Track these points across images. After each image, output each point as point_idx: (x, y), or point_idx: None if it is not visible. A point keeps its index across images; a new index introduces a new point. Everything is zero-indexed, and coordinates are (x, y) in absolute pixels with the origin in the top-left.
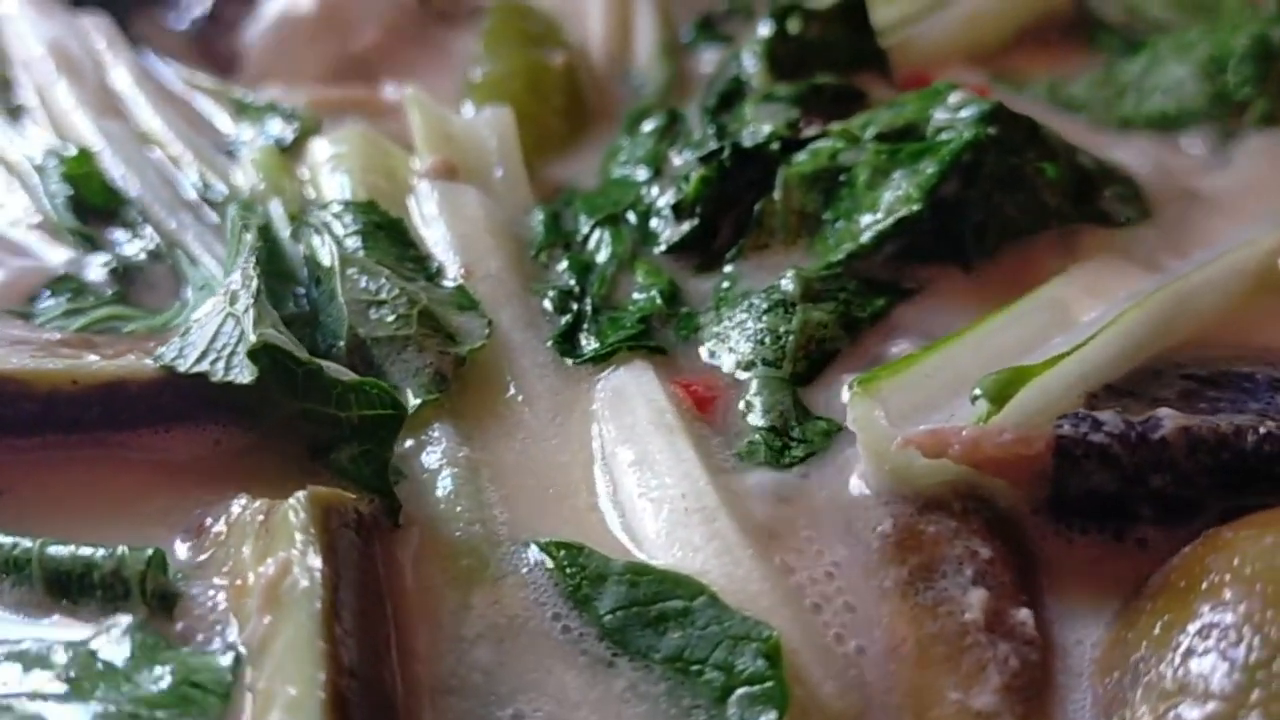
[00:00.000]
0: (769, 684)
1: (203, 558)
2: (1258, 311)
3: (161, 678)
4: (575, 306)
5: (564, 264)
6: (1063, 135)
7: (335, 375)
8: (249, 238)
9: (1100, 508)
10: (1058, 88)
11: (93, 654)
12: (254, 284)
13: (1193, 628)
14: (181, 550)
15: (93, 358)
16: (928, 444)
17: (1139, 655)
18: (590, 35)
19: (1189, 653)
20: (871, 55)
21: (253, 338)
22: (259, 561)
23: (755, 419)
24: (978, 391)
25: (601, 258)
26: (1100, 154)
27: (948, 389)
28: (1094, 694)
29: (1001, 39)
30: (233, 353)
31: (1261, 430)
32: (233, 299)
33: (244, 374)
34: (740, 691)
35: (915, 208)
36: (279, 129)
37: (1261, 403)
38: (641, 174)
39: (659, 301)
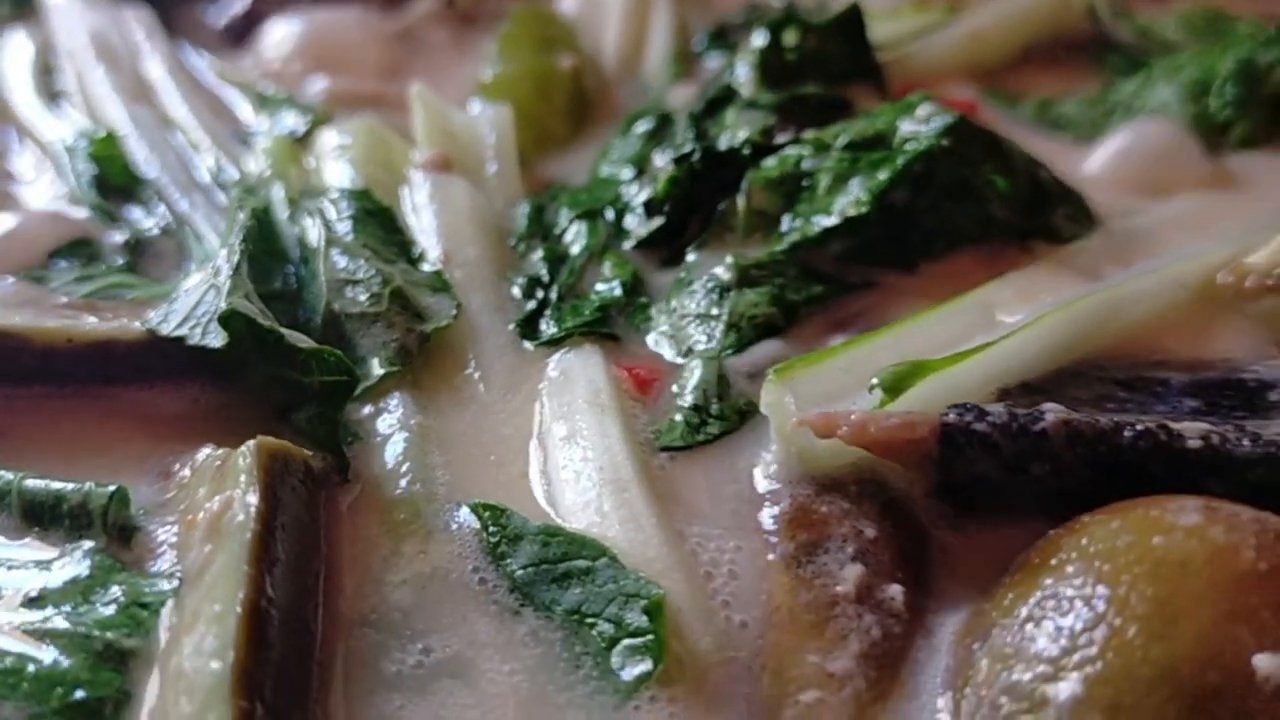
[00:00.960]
0: (649, 637)
1: (166, 498)
2: (1195, 324)
3: (114, 599)
4: (541, 294)
5: (539, 254)
6: (1029, 151)
7: (294, 342)
8: (242, 217)
9: (987, 494)
10: (1048, 105)
11: (57, 572)
12: (235, 258)
13: (1034, 598)
14: (149, 491)
15: (91, 319)
16: (819, 425)
17: (989, 624)
18: (605, 41)
19: (1027, 620)
20: (867, 69)
21: (224, 305)
22: (209, 499)
23: (683, 399)
24: (875, 381)
25: (575, 249)
26: (1075, 169)
27: (860, 381)
28: (948, 663)
29: (1007, 57)
30: (210, 319)
31: (1139, 428)
32: (216, 272)
33: (216, 339)
34: (624, 643)
35: (864, 210)
36: (293, 120)
37: (1169, 405)
38: (626, 173)
39: (619, 292)
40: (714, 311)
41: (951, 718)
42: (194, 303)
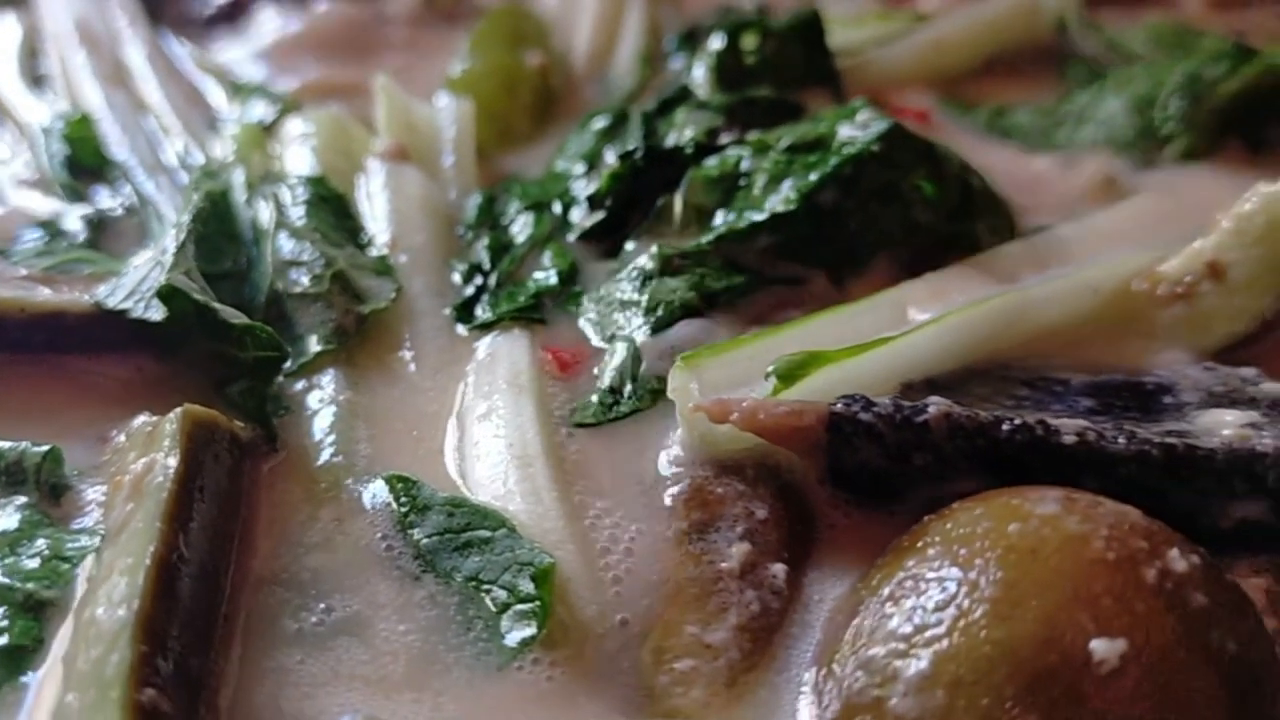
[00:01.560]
0: (535, 604)
1: (102, 460)
2: (1107, 329)
3: (39, 552)
4: (480, 280)
5: (484, 242)
6: (965, 159)
7: (228, 318)
8: (195, 198)
9: (874, 481)
10: (1000, 114)
11: None
12: (182, 236)
13: (896, 579)
14: (88, 454)
15: (45, 291)
16: (713, 410)
17: (858, 602)
18: (578, 40)
19: (888, 599)
20: (824, 74)
21: (164, 281)
22: (136, 462)
23: (601, 381)
24: (770, 369)
25: (520, 239)
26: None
27: (764, 370)
28: (820, 639)
29: (970, 66)
30: (152, 294)
31: (1016, 421)
32: (163, 250)
33: (156, 312)
34: (514, 608)
35: (791, 207)
36: (262, 109)
37: (1065, 404)
38: (579, 168)
39: (555, 281)
40: (636, 298)
41: (814, 690)
42: (140, 278)
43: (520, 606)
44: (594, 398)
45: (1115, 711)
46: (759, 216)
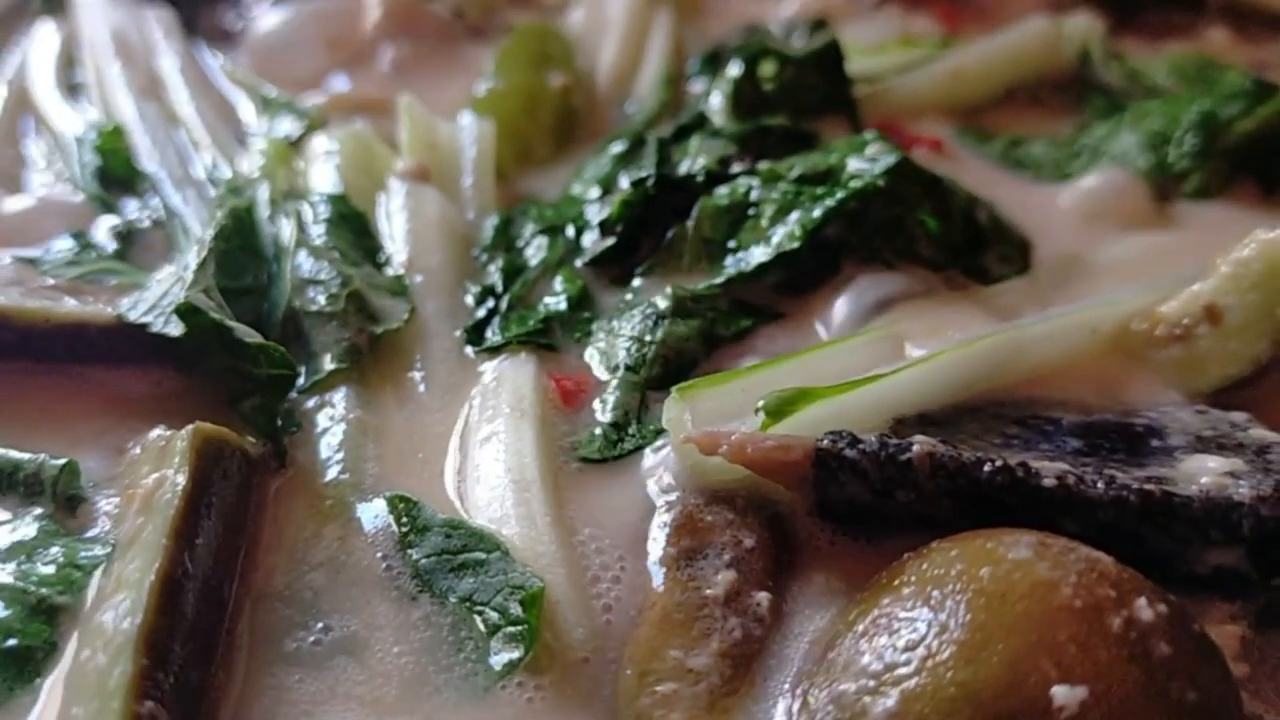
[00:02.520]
0: (523, 627)
1: (117, 472)
2: (1103, 369)
3: (53, 559)
4: (492, 303)
5: (498, 265)
6: (973, 192)
7: (243, 336)
8: (219, 215)
9: (860, 515)
10: (1015, 145)
11: (7, 534)
12: (203, 254)
13: (871, 615)
14: (104, 465)
15: (71, 302)
16: (702, 442)
17: (835, 635)
18: (602, 61)
19: (863, 635)
20: (841, 102)
21: (183, 298)
22: (147, 476)
23: (604, 415)
24: (760, 404)
25: (533, 262)
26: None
27: (757, 403)
28: (799, 668)
29: (989, 95)
30: (172, 310)
31: (997, 463)
32: (185, 266)
33: (174, 328)
34: (504, 630)
35: (795, 245)
36: (289, 125)
37: (1053, 444)
38: (594, 193)
39: (564, 306)
40: (647, 337)
41: (789, 718)
42: (161, 293)
43: (510, 629)
44: (598, 431)
45: None
46: (765, 258)
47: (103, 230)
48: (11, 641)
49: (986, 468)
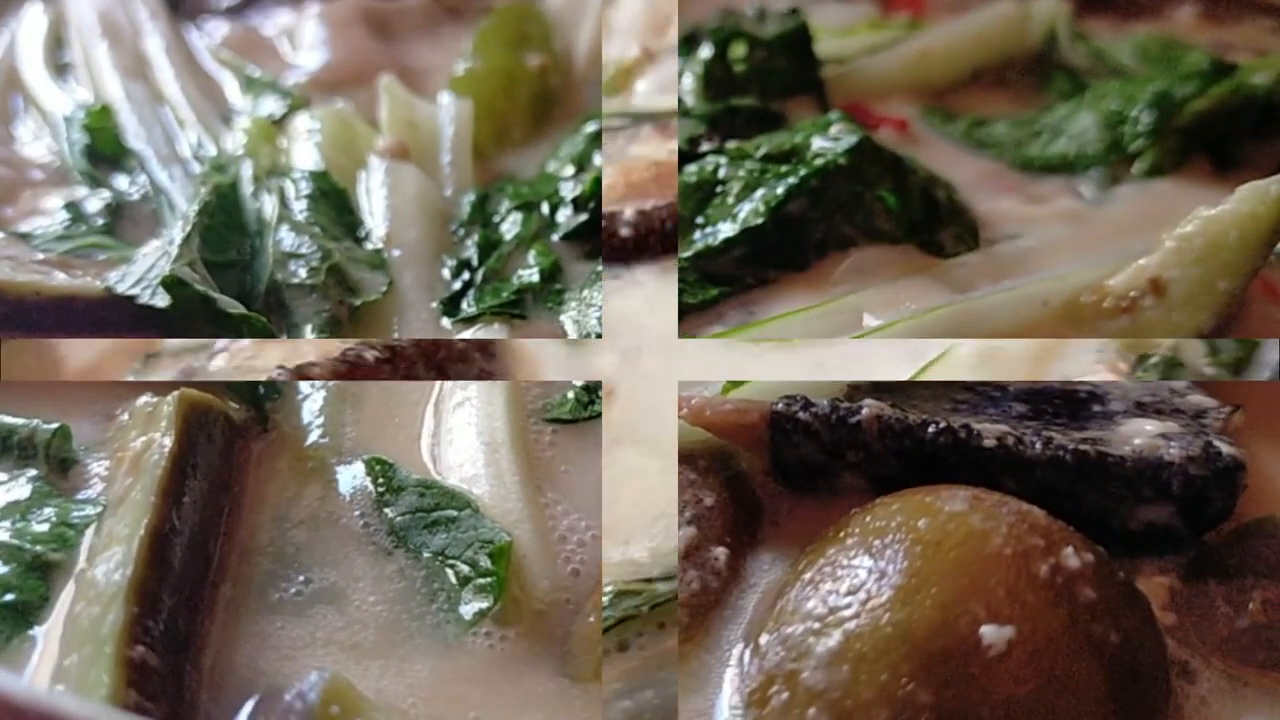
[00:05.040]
0: (492, 578)
1: (106, 437)
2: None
3: (47, 518)
4: (468, 275)
5: (475, 239)
6: (933, 169)
7: (226, 308)
8: (203, 192)
9: (814, 474)
10: (978, 125)
11: (2, 494)
12: (188, 229)
13: (818, 565)
14: (93, 430)
15: (60, 275)
16: None
17: (783, 584)
18: (578, 41)
19: (809, 583)
20: (811, 83)
21: (168, 270)
22: (135, 439)
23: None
24: None
25: (508, 237)
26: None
27: None
28: (751, 618)
29: (956, 76)
30: (158, 282)
31: (941, 425)
32: (170, 240)
33: (160, 300)
34: (474, 582)
35: (759, 221)
36: (273, 104)
37: (999, 409)
38: (568, 170)
39: (537, 279)
40: None
41: (739, 663)
42: (148, 266)
43: (479, 580)
44: (570, 394)
45: (1000, 690)
46: (731, 232)
47: (92, 205)
48: (9, 596)
49: (930, 429)
